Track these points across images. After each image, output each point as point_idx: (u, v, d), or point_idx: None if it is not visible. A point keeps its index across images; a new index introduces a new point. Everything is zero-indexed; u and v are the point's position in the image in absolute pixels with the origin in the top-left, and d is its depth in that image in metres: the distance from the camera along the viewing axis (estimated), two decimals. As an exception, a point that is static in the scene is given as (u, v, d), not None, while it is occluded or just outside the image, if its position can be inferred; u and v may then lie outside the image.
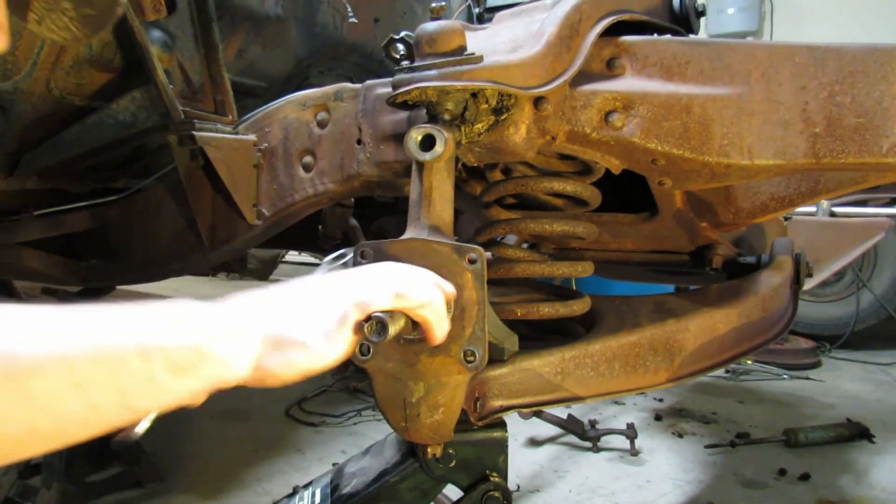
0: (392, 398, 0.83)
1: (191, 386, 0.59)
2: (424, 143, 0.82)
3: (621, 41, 0.94)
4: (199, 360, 0.59)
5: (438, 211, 0.84)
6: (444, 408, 0.83)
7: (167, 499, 2.07)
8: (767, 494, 2.10)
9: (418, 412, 0.82)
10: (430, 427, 0.84)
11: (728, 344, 1.13)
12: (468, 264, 0.78)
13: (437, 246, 0.79)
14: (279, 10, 1.75)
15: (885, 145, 0.84)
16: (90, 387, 0.52)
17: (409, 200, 0.85)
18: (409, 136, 0.82)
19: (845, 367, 3.60)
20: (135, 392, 0.55)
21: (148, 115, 1.34)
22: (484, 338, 0.79)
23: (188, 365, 0.58)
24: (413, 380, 0.81)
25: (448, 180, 0.85)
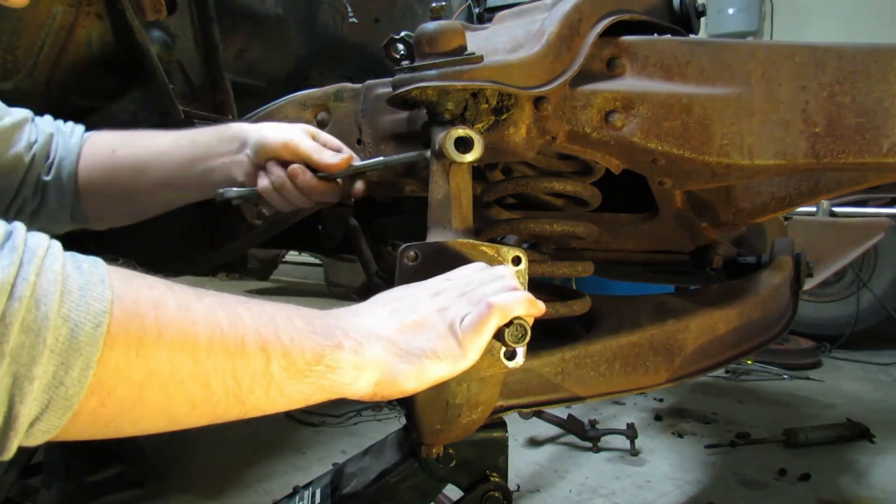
0: (434, 402, 0.81)
1: (304, 390, 0.57)
2: (458, 144, 0.82)
3: (621, 41, 0.94)
4: (317, 364, 0.57)
5: (466, 212, 0.84)
6: (484, 405, 0.82)
7: (167, 499, 2.07)
8: (767, 494, 2.10)
9: (459, 413, 0.81)
10: (464, 427, 0.83)
11: (728, 344, 1.13)
12: (513, 265, 0.78)
13: (485, 248, 0.79)
14: (279, 10, 1.75)
15: (885, 145, 0.85)
16: (206, 365, 0.50)
17: (430, 201, 0.84)
18: (447, 135, 0.81)
19: (845, 367, 3.60)
20: (248, 383, 0.53)
21: (148, 115, 1.34)
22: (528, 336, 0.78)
23: (306, 367, 0.56)
24: (457, 381, 0.79)
25: (470, 181, 0.85)
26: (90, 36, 1.27)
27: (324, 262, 5.73)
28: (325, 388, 0.58)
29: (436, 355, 0.63)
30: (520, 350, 0.75)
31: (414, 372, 0.62)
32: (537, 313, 0.69)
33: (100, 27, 1.27)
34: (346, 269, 5.28)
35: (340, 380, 0.59)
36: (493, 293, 0.67)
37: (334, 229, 1.97)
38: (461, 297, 0.68)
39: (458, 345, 0.64)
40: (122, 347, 0.46)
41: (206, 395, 0.51)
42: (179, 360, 0.49)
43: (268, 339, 0.54)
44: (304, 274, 6.53)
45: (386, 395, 0.63)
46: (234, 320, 0.53)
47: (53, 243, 0.47)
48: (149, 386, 0.48)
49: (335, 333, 0.60)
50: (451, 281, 0.72)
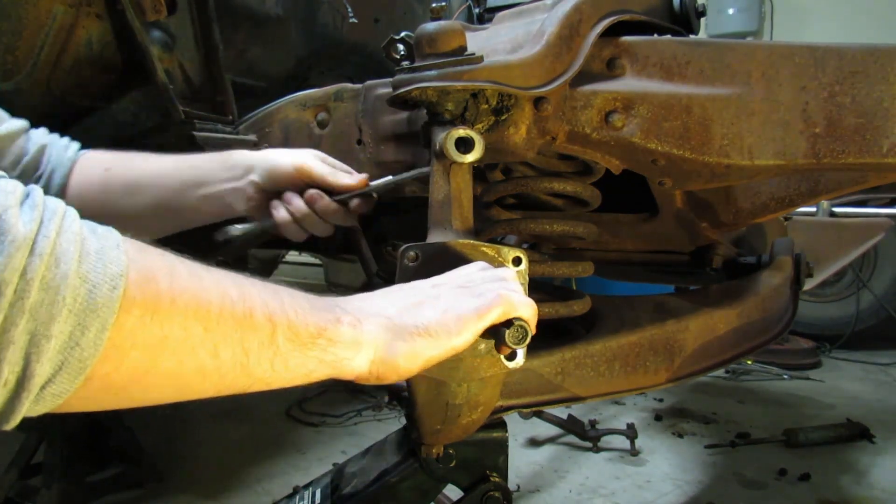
0: (434, 403, 0.81)
1: (308, 364, 0.58)
2: (459, 144, 0.82)
3: (621, 41, 0.94)
4: (319, 337, 0.58)
5: (466, 213, 0.84)
6: (484, 406, 0.83)
7: (167, 499, 2.07)
8: (767, 494, 2.10)
9: (459, 413, 0.81)
10: (464, 427, 0.84)
11: (728, 344, 1.14)
12: (513, 265, 0.79)
13: (485, 248, 0.79)
14: (279, 10, 1.75)
15: (885, 145, 0.85)
16: (217, 333, 0.51)
17: (431, 202, 0.84)
18: (448, 136, 0.81)
19: (845, 368, 3.60)
20: (256, 354, 0.54)
21: (148, 116, 1.34)
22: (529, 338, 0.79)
23: (309, 340, 0.58)
24: (457, 382, 0.80)
25: (471, 181, 0.85)
26: (90, 36, 1.27)
27: (324, 262, 5.73)
28: (327, 363, 0.59)
29: (428, 332, 0.64)
30: (520, 351, 0.75)
31: (407, 349, 0.63)
32: (534, 320, 0.70)
33: (100, 27, 1.27)
34: (346, 269, 5.28)
35: (341, 354, 0.60)
36: (496, 289, 0.68)
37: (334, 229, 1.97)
38: (460, 288, 0.69)
39: (454, 324, 0.65)
40: (138, 311, 0.46)
41: (215, 364, 0.52)
42: (192, 326, 0.50)
43: (274, 310, 0.56)
44: (304, 274, 6.53)
45: (381, 375, 0.63)
46: (243, 291, 0.54)
47: (69, 208, 0.47)
48: (161, 352, 0.48)
49: (334, 310, 0.61)
50: (450, 277, 0.73)
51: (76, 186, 1.02)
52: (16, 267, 0.41)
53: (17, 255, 0.41)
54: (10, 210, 0.42)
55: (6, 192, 0.43)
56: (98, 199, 1.02)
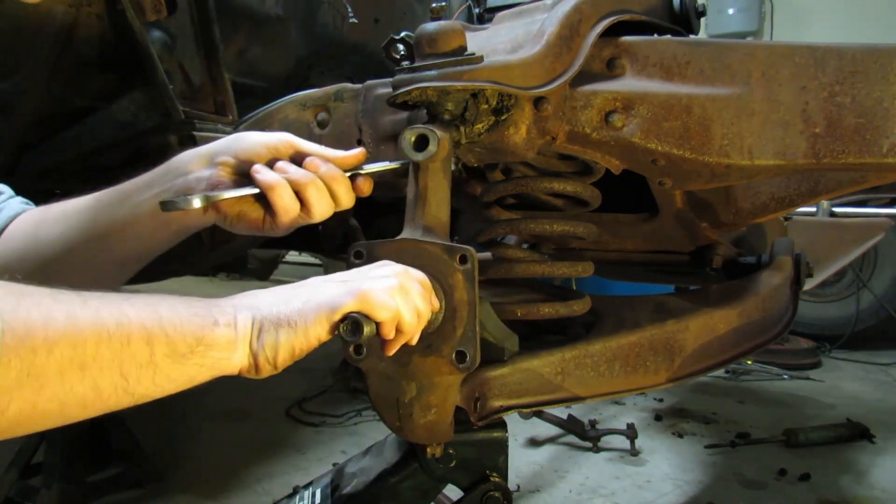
0: (385, 398, 0.83)
1: (189, 372, 0.60)
2: (418, 143, 0.82)
3: (621, 41, 0.94)
4: (198, 345, 0.60)
5: (434, 211, 0.84)
6: (437, 408, 0.83)
7: (167, 499, 2.07)
8: (767, 494, 2.10)
9: (411, 412, 0.83)
10: (425, 427, 0.84)
11: (728, 344, 1.13)
12: (459, 264, 0.78)
13: (428, 246, 0.79)
14: (279, 10, 1.75)
15: (885, 145, 0.84)
16: (94, 369, 0.53)
17: (406, 201, 0.85)
18: (402, 136, 0.82)
19: (845, 368, 3.60)
20: (136, 376, 0.56)
21: (148, 116, 1.34)
22: (475, 339, 0.79)
23: (188, 351, 0.59)
24: (405, 379, 0.81)
25: (444, 180, 0.85)
26: (90, 36, 1.27)
27: (324, 262, 5.73)
28: (207, 367, 0.61)
29: (288, 322, 0.65)
30: (469, 355, 0.77)
31: (270, 340, 0.64)
32: (388, 320, 0.69)
33: (100, 27, 1.27)
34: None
35: (218, 355, 0.61)
36: (361, 284, 0.69)
37: (334, 229, 1.97)
38: (339, 283, 0.70)
39: (312, 313, 0.66)
40: (14, 372, 0.48)
41: (95, 394, 0.54)
42: (70, 370, 0.51)
43: (152, 331, 0.57)
44: (305, 274, 6.52)
45: (258, 368, 0.64)
46: (120, 318, 0.55)
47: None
48: (41, 398, 0.50)
49: (212, 312, 0.63)
50: (344, 273, 0.74)
51: (13, 227, 0.88)
52: None
53: None
54: None
55: None
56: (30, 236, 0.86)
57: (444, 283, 0.78)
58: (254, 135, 0.84)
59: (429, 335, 0.78)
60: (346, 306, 0.67)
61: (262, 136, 0.84)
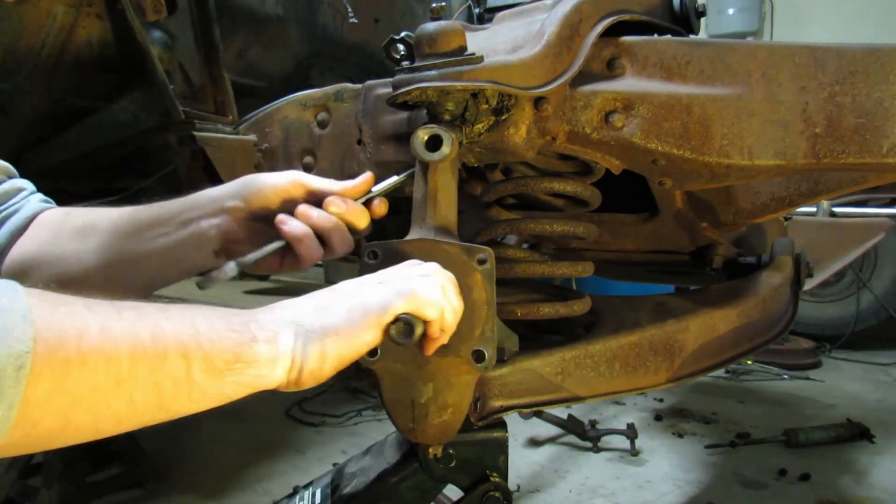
0: (400, 399, 0.82)
1: (226, 389, 0.59)
2: (430, 143, 0.82)
3: (621, 41, 0.94)
4: (236, 362, 0.58)
5: (444, 211, 0.84)
6: (454, 408, 0.83)
7: (167, 499, 2.07)
8: (767, 494, 2.10)
9: (427, 413, 0.82)
10: (438, 427, 0.84)
11: (728, 344, 1.13)
12: (477, 265, 0.78)
13: (447, 247, 0.79)
14: (279, 10, 1.76)
15: (885, 145, 0.84)
16: (130, 384, 0.52)
17: (413, 201, 0.85)
18: (415, 136, 0.82)
19: (845, 368, 3.60)
20: (171, 392, 0.54)
21: (148, 116, 1.34)
22: (493, 338, 0.78)
23: (225, 367, 0.58)
24: (422, 381, 0.80)
25: (452, 180, 0.85)
26: (90, 36, 1.27)
27: (324, 262, 5.72)
28: (245, 384, 0.60)
29: (336, 332, 0.64)
30: (487, 354, 0.76)
31: (316, 352, 0.63)
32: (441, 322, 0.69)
33: (100, 28, 1.27)
34: (346, 269, 5.28)
35: (258, 373, 0.60)
36: (407, 285, 0.68)
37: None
38: (378, 284, 0.69)
39: (360, 319, 0.65)
40: (47, 384, 0.47)
41: (130, 409, 0.52)
42: (104, 383, 0.50)
43: (188, 346, 0.55)
44: (304, 274, 6.53)
45: (298, 382, 0.63)
46: (156, 332, 0.54)
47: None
48: (74, 412, 0.49)
49: (251, 328, 0.61)
50: (376, 274, 0.73)
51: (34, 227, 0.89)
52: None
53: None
54: None
55: None
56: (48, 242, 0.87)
57: (462, 282, 0.78)
58: (263, 178, 0.85)
59: None
60: (397, 307, 0.66)
61: (272, 178, 0.84)
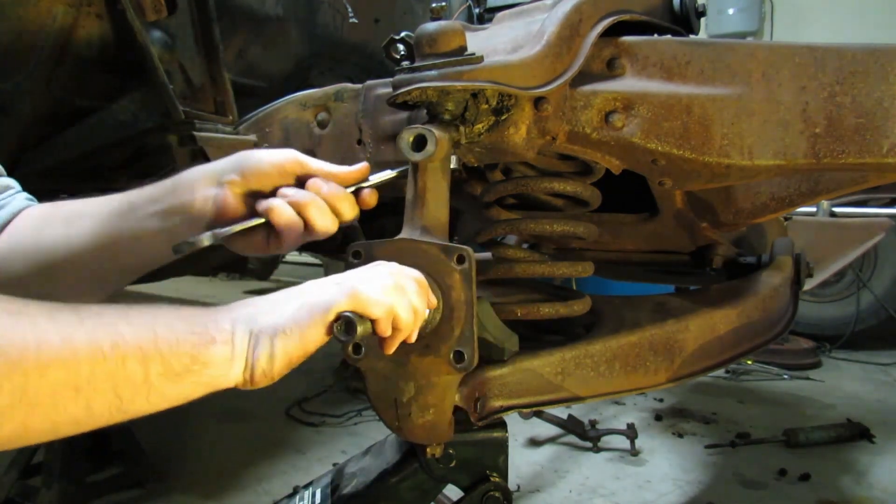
0: (384, 397, 0.83)
1: (184, 391, 0.59)
2: (416, 143, 0.82)
3: (621, 41, 0.94)
4: (193, 364, 0.59)
5: (433, 211, 0.84)
6: (435, 408, 0.83)
7: (167, 499, 2.07)
8: (767, 494, 2.10)
9: (409, 412, 0.82)
10: (423, 427, 0.84)
11: (728, 344, 1.13)
12: (456, 264, 0.78)
13: (426, 246, 0.79)
14: (279, 10, 1.75)
15: (885, 145, 0.84)
16: (88, 390, 0.52)
17: (405, 201, 0.85)
18: (400, 136, 0.82)
19: (845, 368, 3.60)
20: (130, 395, 0.55)
21: (148, 116, 1.34)
22: (473, 338, 0.78)
23: (183, 370, 0.58)
24: (403, 379, 0.81)
25: (443, 180, 0.85)
26: (90, 36, 1.27)
27: (324, 262, 5.73)
28: (203, 384, 0.60)
29: (283, 331, 0.64)
30: (466, 355, 0.76)
31: (265, 352, 0.63)
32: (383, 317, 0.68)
33: (100, 27, 1.27)
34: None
35: (215, 373, 0.60)
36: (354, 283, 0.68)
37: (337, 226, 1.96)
38: (335, 284, 0.69)
39: (305, 318, 0.65)
40: (7, 396, 0.48)
41: (87, 414, 0.53)
42: (63, 391, 0.51)
43: (147, 351, 0.56)
44: (304, 274, 6.53)
45: (254, 381, 0.63)
46: (115, 339, 0.55)
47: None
48: (33, 419, 0.50)
49: (209, 329, 0.61)
50: (342, 275, 0.73)
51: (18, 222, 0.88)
52: None
53: None
54: None
55: None
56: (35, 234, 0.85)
57: (441, 282, 0.78)
58: (260, 153, 0.84)
59: (427, 335, 0.78)
60: (338, 305, 0.66)
61: (269, 154, 0.84)
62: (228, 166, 0.83)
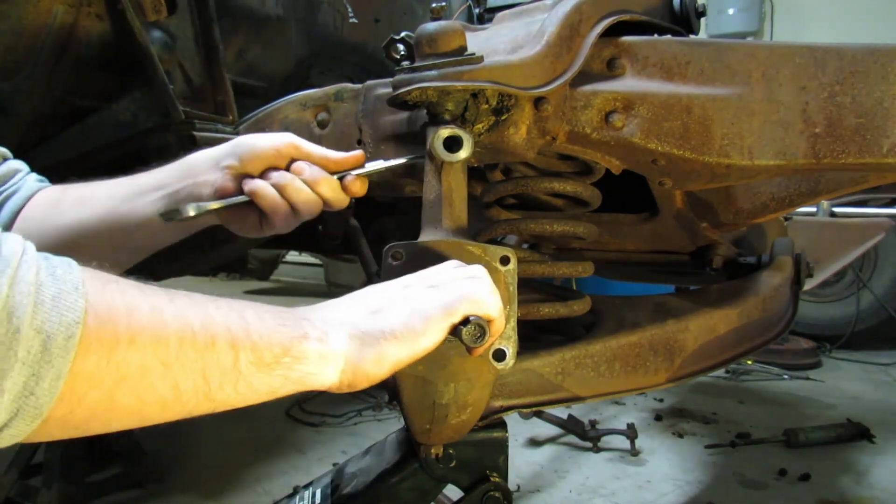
0: (421, 401, 0.81)
1: (273, 383, 0.58)
2: (449, 143, 0.82)
3: (621, 41, 0.94)
4: (284, 356, 0.58)
5: (458, 212, 0.84)
6: (473, 407, 0.82)
7: (167, 499, 2.07)
8: (767, 494, 2.10)
9: (447, 413, 0.81)
10: (454, 427, 0.83)
11: (728, 344, 1.13)
12: (500, 265, 0.78)
13: (471, 247, 0.79)
14: (279, 10, 1.76)
15: (885, 145, 0.84)
16: (177, 367, 0.51)
17: (424, 201, 0.84)
18: (436, 135, 0.81)
19: (845, 368, 3.60)
20: (218, 381, 0.54)
21: (148, 116, 1.34)
22: (514, 336, 0.78)
23: (273, 361, 0.57)
24: (443, 381, 0.79)
25: (464, 181, 0.85)
26: (90, 36, 1.27)
27: (324, 262, 5.73)
28: (293, 380, 0.59)
29: (394, 336, 0.63)
30: (508, 352, 0.76)
31: (373, 355, 0.62)
32: (499, 321, 0.70)
33: (100, 27, 1.27)
34: (346, 269, 5.28)
35: (307, 370, 0.60)
36: (463, 287, 0.68)
37: (335, 229, 1.97)
38: (430, 288, 0.69)
39: (420, 324, 0.64)
40: (94, 357, 0.46)
41: (175, 395, 0.52)
42: (151, 364, 0.49)
43: (237, 335, 0.55)
44: (304, 274, 6.53)
45: (352, 384, 0.63)
46: (205, 320, 0.54)
47: (28, 247, 0.47)
48: (119, 391, 0.48)
49: (302, 325, 0.61)
50: (421, 276, 0.72)
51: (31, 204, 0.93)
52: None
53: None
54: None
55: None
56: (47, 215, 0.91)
57: None
58: (257, 137, 0.88)
59: None
60: (462, 310, 0.65)
61: (266, 138, 0.88)
62: (227, 150, 0.88)
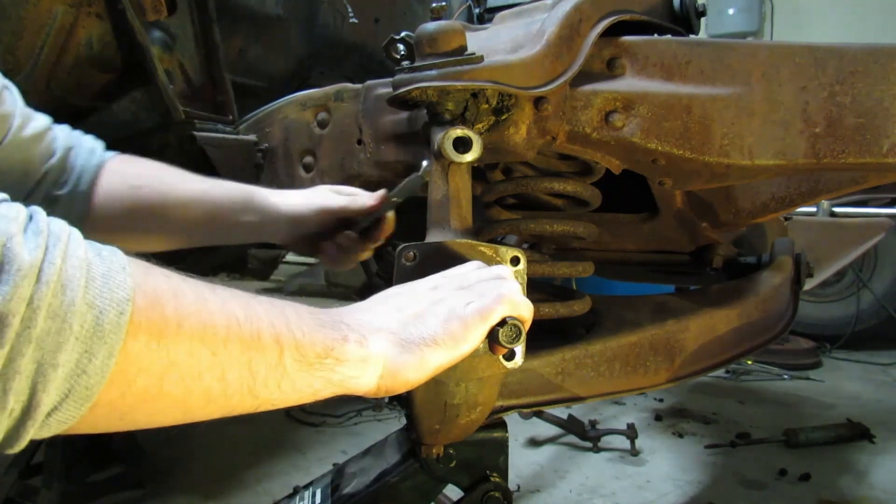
0: (433, 402, 0.81)
1: (314, 384, 0.58)
2: (457, 144, 0.82)
3: (622, 41, 0.94)
4: (326, 357, 0.57)
5: (465, 212, 0.84)
6: (483, 405, 0.83)
7: (167, 499, 2.07)
8: (767, 495, 2.10)
9: (458, 413, 0.81)
10: (463, 427, 0.84)
11: (728, 344, 1.14)
12: (511, 265, 0.78)
13: (483, 248, 0.79)
14: (280, 10, 1.76)
15: (885, 145, 0.85)
16: (224, 357, 0.50)
17: (429, 202, 0.84)
18: (445, 135, 0.81)
19: (846, 368, 3.60)
20: (263, 376, 0.53)
21: (148, 116, 1.34)
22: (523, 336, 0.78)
23: (316, 360, 0.57)
24: (455, 381, 0.80)
25: (469, 181, 0.85)
26: (90, 36, 1.27)
27: (324, 263, 5.71)
28: (334, 382, 0.59)
29: (435, 342, 0.63)
30: (518, 350, 0.76)
31: (415, 361, 0.62)
32: (529, 318, 0.70)
33: (100, 27, 1.27)
34: (346, 270, 5.27)
35: (348, 373, 0.59)
36: (496, 288, 0.68)
37: (334, 229, 1.96)
38: (460, 289, 0.69)
39: (459, 329, 0.64)
40: (145, 337, 0.45)
41: (221, 387, 0.51)
42: (199, 351, 0.49)
43: (281, 331, 0.54)
44: (305, 274, 6.53)
45: (390, 389, 0.62)
46: (249, 312, 0.53)
47: (73, 229, 0.46)
48: (168, 377, 0.47)
49: (340, 327, 0.60)
50: (448, 277, 0.72)
51: (101, 198, 0.98)
52: (22, 296, 0.40)
53: (23, 284, 0.40)
54: (14, 238, 0.41)
55: (9, 219, 0.42)
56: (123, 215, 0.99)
57: None
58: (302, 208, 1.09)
59: None
60: (498, 312, 0.65)
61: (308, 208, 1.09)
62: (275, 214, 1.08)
